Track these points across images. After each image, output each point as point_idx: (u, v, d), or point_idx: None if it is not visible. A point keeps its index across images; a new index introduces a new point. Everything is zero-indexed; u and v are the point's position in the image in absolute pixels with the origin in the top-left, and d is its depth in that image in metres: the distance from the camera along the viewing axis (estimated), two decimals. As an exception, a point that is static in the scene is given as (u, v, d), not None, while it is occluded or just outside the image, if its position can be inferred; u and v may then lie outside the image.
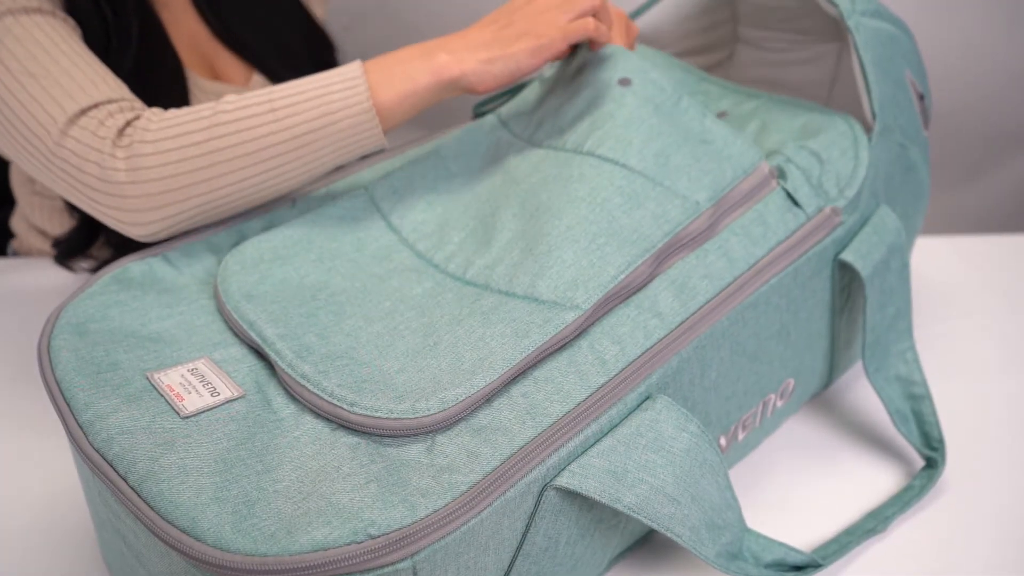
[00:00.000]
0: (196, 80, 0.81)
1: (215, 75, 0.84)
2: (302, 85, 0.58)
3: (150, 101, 0.65)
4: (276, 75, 0.85)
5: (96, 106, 0.59)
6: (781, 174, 0.61)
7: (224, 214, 0.59)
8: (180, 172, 0.56)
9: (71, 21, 0.66)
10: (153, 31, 0.76)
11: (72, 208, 0.76)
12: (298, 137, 0.57)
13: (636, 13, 0.79)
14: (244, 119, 0.57)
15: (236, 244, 0.58)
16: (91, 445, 0.45)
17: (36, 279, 0.83)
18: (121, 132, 0.57)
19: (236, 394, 0.48)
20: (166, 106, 0.61)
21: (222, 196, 0.58)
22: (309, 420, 0.47)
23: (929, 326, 0.79)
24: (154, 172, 0.56)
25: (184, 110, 0.58)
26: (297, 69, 0.78)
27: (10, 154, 0.62)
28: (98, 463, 0.44)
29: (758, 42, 0.80)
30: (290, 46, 0.88)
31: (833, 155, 0.62)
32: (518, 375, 0.48)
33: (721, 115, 0.69)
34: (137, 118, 0.58)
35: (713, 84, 0.73)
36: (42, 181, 0.62)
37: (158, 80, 0.75)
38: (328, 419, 0.46)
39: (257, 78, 0.85)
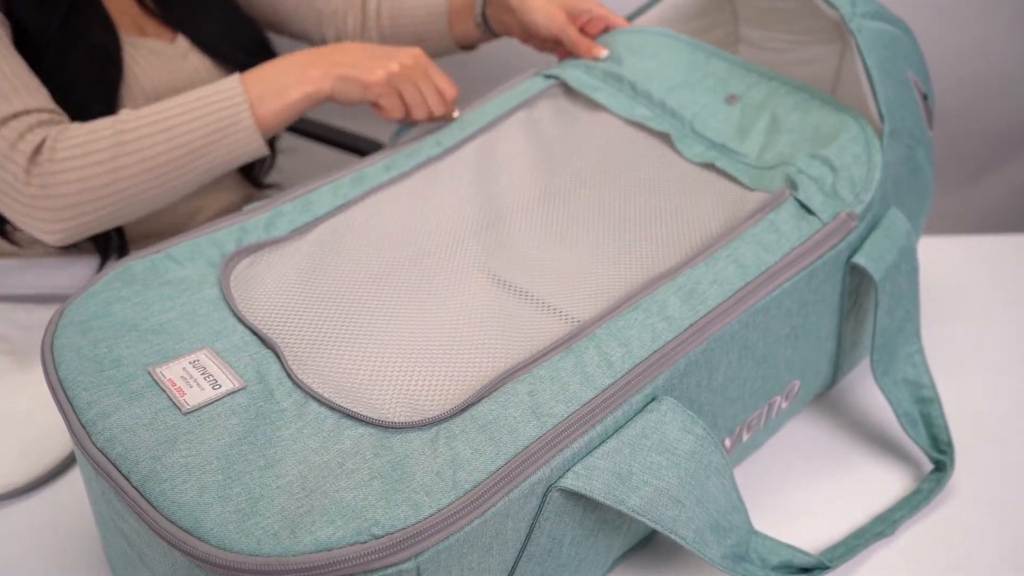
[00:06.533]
0: (122, 37, 0.81)
1: (141, 31, 0.83)
2: (191, 102, 0.67)
3: (81, 57, 0.72)
4: (202, 40, 0.85)
5: (16, 116, 0.65)
6: (793, 185, 0.60)
7: (127, 218, 0.68)
8: (86, 188, 0.65)
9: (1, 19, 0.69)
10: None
11: None
12: (192, 152, 0.67)
13: (636, 13, 0.79)
14: (142, 138, 0.65)
15: (238, 240, 0.58)
16: (94, 444, 0.45)
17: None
18: (37, 150, 0.65)
19: (237, 385, 0.47)
20: (99, 62, 0.70)
21: (125, 206, 0.67)
22: (313, 409, 0.46)
23: (934, 327, 0.79)
24: (63, 189, 0.65)
25: (87, 128, 0.65)
26: (233, 43, 0.85)
27: None
28: (101, 463, 0.44)
29: (759, 43, 0.80)
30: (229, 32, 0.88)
31: (846, 161, 0.61)
32: (524, 374, 0.48)
33: (731, 99, 0.69)
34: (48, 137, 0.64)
35: (722, 61, 0.72)
36: None
37: (91, 37, 0.76)
38: (331, 407, 0.46)
39: (182, 38, 0.84)
